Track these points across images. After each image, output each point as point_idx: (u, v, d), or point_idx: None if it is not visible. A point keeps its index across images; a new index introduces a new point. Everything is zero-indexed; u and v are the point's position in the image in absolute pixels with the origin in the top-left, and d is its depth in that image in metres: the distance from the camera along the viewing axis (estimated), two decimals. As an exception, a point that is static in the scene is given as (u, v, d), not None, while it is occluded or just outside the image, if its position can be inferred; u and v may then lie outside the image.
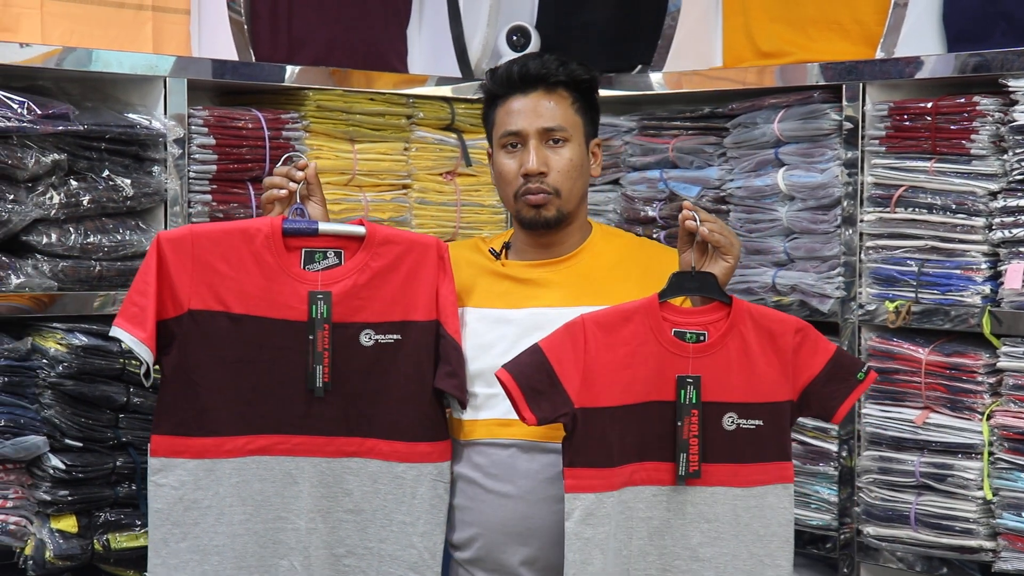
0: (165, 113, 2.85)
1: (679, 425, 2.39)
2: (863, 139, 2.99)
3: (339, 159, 3.17)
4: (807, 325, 2.46)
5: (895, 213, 2.94)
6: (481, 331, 2.57)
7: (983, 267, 2.84)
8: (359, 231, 2.51)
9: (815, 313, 3.04)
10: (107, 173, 2.76)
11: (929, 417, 2.89)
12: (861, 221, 3.00)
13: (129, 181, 2.78)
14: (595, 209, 3.44)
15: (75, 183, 2.72)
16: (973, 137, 2.82)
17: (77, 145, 2.73)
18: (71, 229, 2.72)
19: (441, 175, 3.39)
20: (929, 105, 2.88)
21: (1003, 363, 2.79)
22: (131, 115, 2.82)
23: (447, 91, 3.38)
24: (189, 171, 2.90)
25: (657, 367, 2.40)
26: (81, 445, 2.65)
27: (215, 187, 2.95)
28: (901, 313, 2.91)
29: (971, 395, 2.83)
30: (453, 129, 3.41)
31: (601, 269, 2.62)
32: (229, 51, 3.06)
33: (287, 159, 2.61)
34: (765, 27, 3.29)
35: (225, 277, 2.44)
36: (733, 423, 2.43)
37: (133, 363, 2.66)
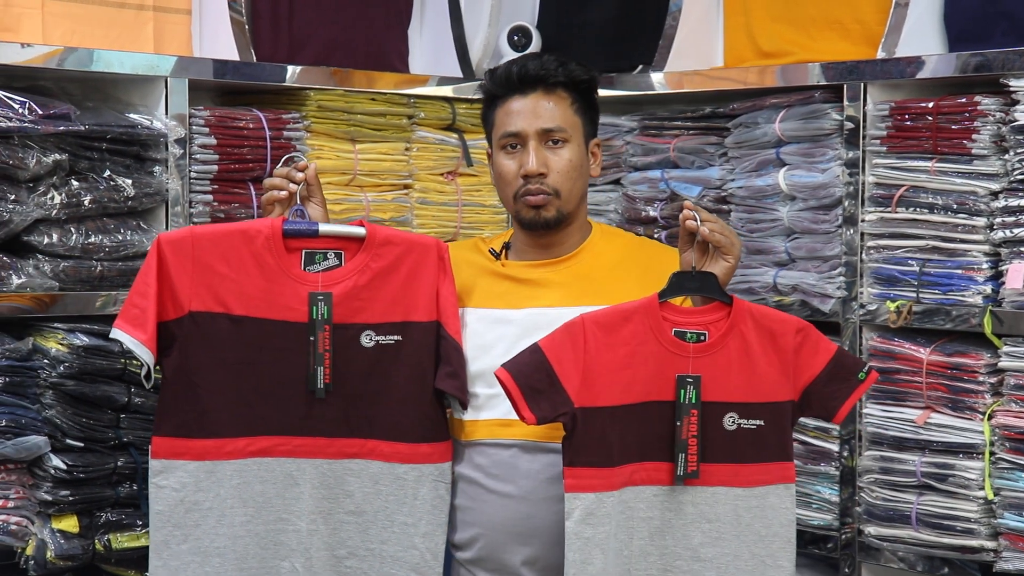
0: (166, 113, 2.84)
1: (678, 425, 2.38)
2: (864, 139, 2.99)
3: (340, 159, 3.17)
4: (808, 325, 2.46)
5: (896, 213, 2.94)
6: (481, 331, 2.57)
7: (984, 267, 2.84)
8: (359, 232, 2.50)
9: (816, 313, 3.04)
10: (108, 173, 2.76)
11: (930, 417, 2.88)
12: (862, 221, 3.00)
13: (130, 181, 2.78)
14: (596, 209, 3.44)
15: (76, 183, 2.72)
16: (974, 137, 2.82)
17: (78, 145, 2.72)
18: (72, 229, 2.71)
19: (442, 175, 3.39)
20: (930, 105, 2.88)
21: (1004, 363, 2.78)
22: (132, 115, 2.82)
23: (448, 91, 3.38)
24: (190, 171, 2.90)
25: (657, 367, 2.40)
26: (82, 445, 2.65)
27: (216, 187, 2.95)
28: (902, 313, 2.91)
29: (972, 395, 2.82)
30: (454, 129, 3.41)
31: (601, 269, 2.62)
32: (230, 51, 3.06)
33: (287, 160, 2.60)
34: (766, 27, 3.29)
35: (225, 279, 2.44)
36: (734, 423, 2.42)
37: (134, 363, 2.66)
